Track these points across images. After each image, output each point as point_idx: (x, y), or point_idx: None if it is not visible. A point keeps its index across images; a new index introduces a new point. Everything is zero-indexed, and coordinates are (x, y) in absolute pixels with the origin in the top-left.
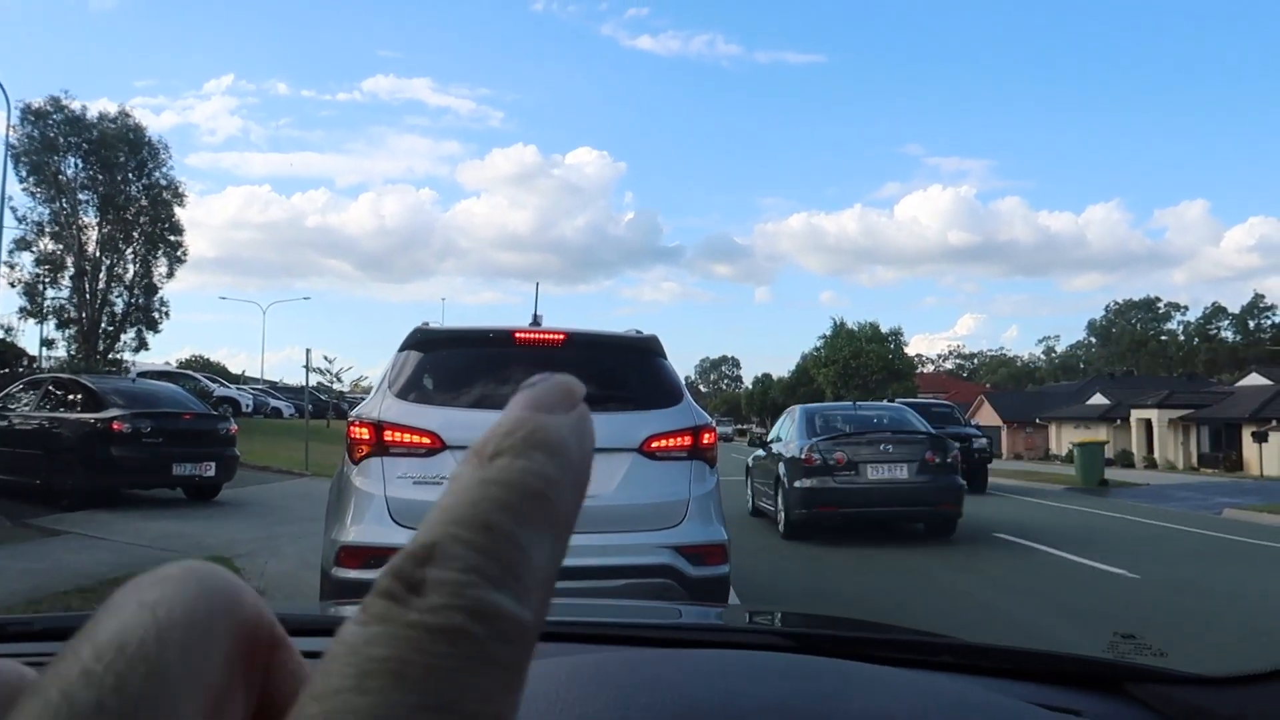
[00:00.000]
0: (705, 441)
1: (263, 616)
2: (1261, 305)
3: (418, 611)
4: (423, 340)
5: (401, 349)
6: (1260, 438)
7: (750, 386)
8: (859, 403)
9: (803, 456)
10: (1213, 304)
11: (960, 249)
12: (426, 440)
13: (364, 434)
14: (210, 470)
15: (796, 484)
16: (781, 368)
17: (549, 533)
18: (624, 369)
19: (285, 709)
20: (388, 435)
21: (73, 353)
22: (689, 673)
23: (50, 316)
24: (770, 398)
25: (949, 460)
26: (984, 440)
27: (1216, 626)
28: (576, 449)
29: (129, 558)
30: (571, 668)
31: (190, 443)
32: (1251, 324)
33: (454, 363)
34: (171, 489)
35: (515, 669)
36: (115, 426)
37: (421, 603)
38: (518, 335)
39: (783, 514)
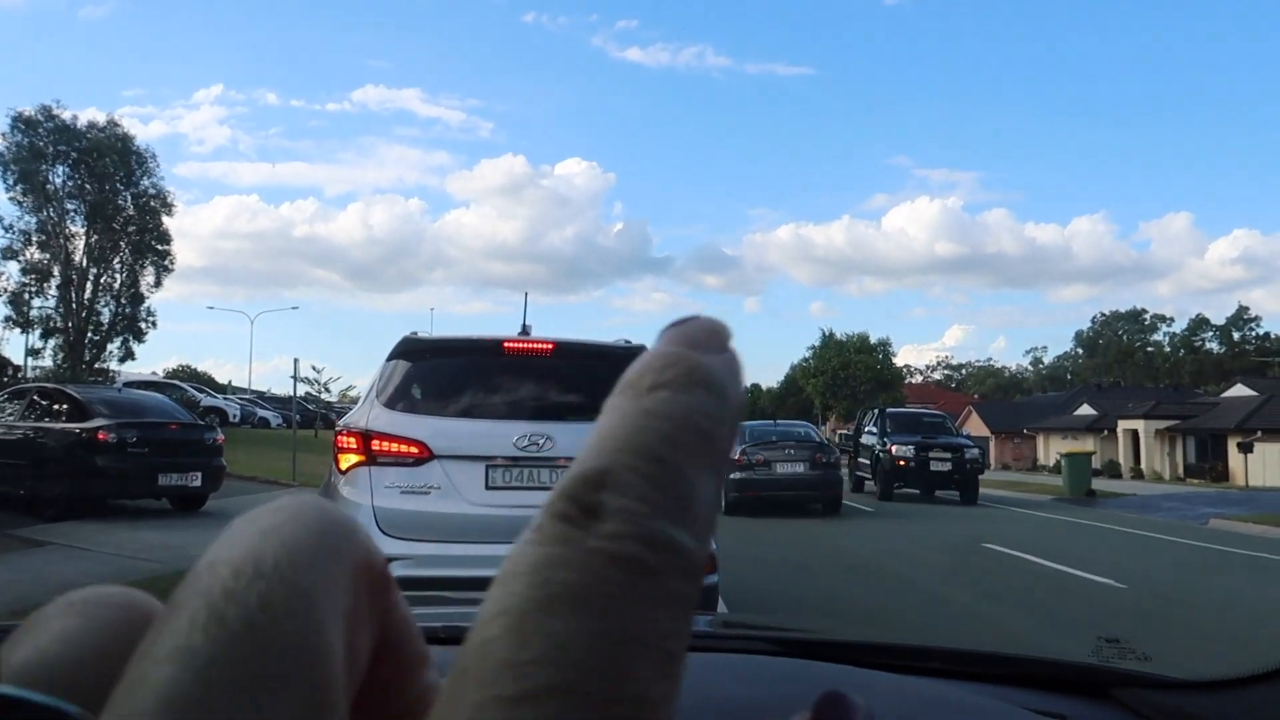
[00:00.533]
0: None
1: (378, 551)
2: (1246, 317)
3: (597, 538)
4: (411, 350)
5: (389, 358)
6: (1246, 448)
7: None
8: (779, 421)
9: (735, 457)
10: (1197, 315)
11: (948, 260)
12: (414, 450)
13: (351, 443)
14: (196, 480)
15: (731, 476)
16: (771, 378)
17: (712, 471)
18: (613, 379)
19: (400, 648)
20: (375, 445)
21: (58, 362)
22: None
23: (36, 326)
24: (759, 408)
25: (832, 460)
26: (975, 451)
27: (1203, 635)
28: (734, 390)
29: (113, 569)
30: None
31: (176, 453)
32: (1237, 335)
33: (442, 372)
34: (157, 499)
35: (689, 604)
36: (100, 436)
37: (601, 529)
38: (506, 345)
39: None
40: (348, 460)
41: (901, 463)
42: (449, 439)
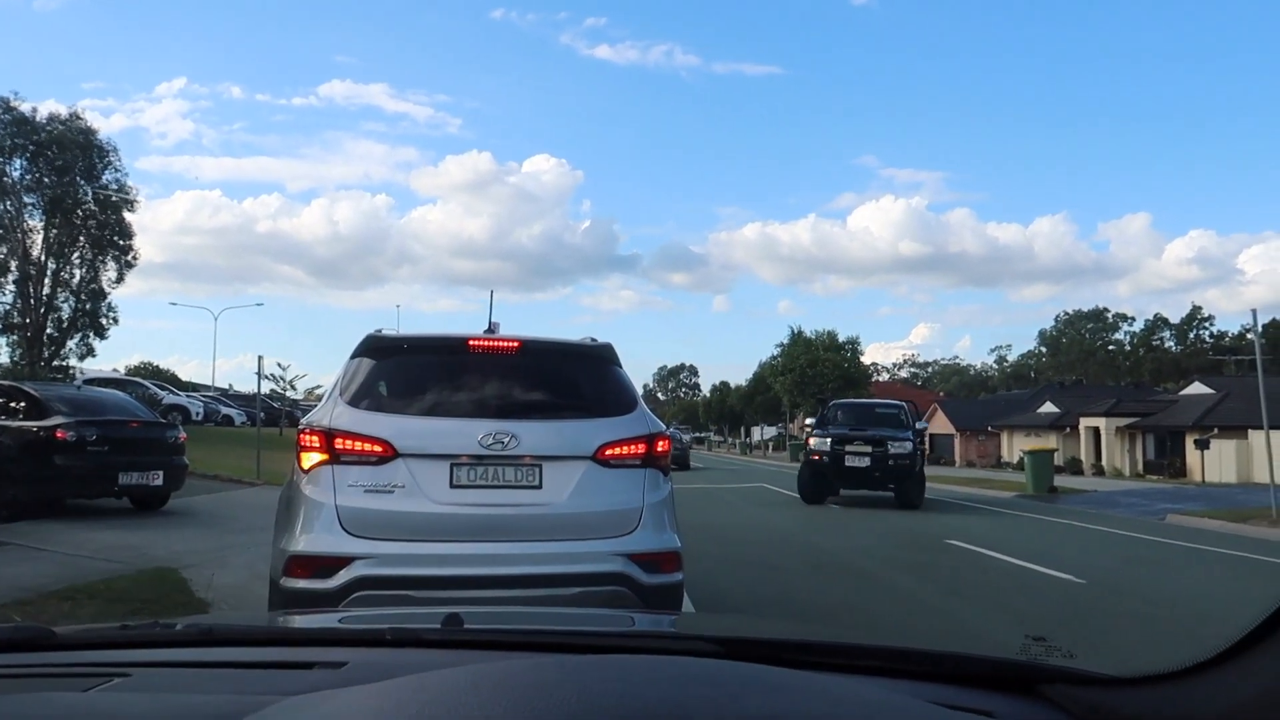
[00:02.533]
0: (659, 449)
1: None
2: (1200, 317)
3: None
4: (375, 347)
5: (354, 356)
6: (1202, 445)
7: (708, 395)
8: None
9: None
10: (1155, 315)
11: (912, 259)
12: (378, 449)
13: (314, 442)
14: (158, 479)
15: None
16: (739, 376)
17: None
18: (578, 377)
19: None
20: (338, 443)
21: (16, 359)
22: (591, 677)
23: None
24: (728, 406)
25: (677, 442)
26: (907, 445)
27: (1157, 629)
28: None
29: (72, 570)
30: (476, 674)
31: (137, 451)
32: (1191, 335)
33: (407, 370)
34: (118, 498)
35: None
36: (59, 434)
37: None
38: (471, 343)
39: None
40: (310, 459)
41: (816, 458)
42: (413, 437)
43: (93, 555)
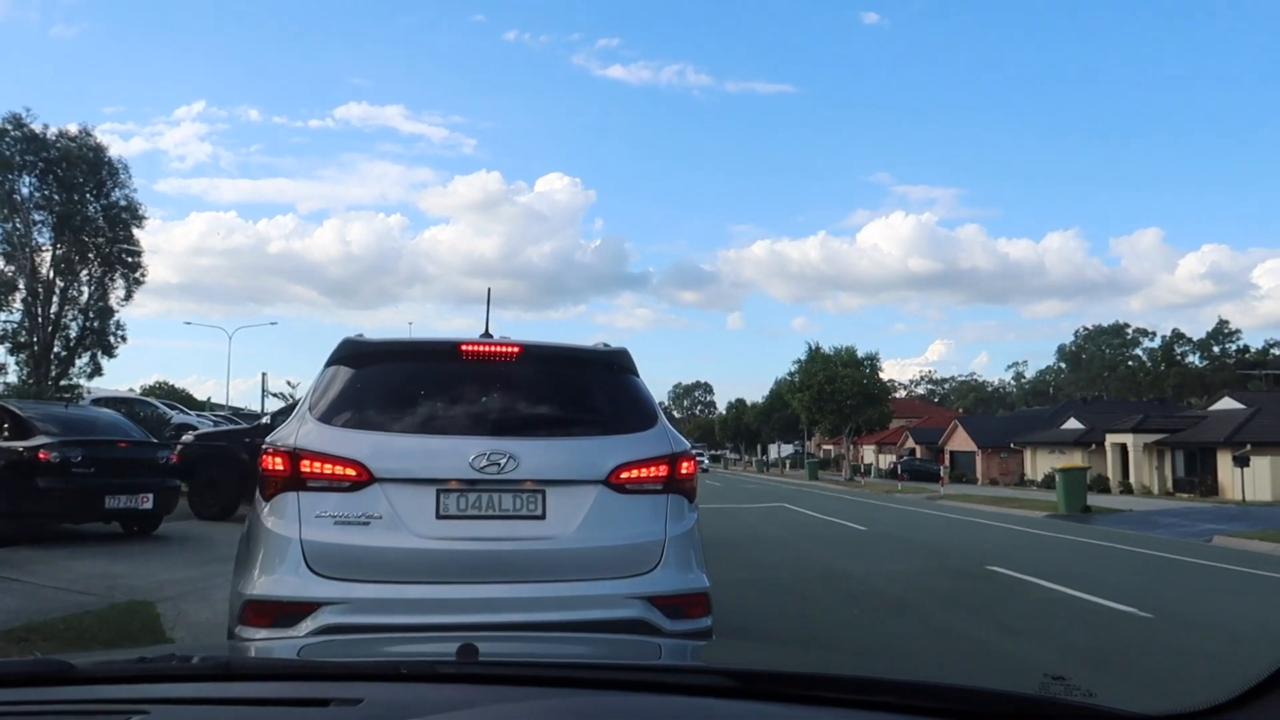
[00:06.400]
0: (683, 472)
1: None
2: (1226, 331)
3: None
4: (353, 354)
5: (328, 364)
6: (1242, 462)
7: (724, 412)
8: None
9: None
10: (1173, 330)
11: (922, 276)
12: (351, 472)
13: (277, 464)
14: (147, 502)
15: None
16: (755, 393)
17: None
18: (589, 387)
19: None
20: (305, 466)
21: (24, 378)
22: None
23: (1, 341)
24: (744, 424)
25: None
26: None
27: (1250, 673)
28: None
29: (37, 603)
30: (492, 717)
31: (125, 473)
32: (1217, 349)
33: (388, 380)
34: (105, 523)
35: None
36: (41, 455)
37: None
38: (464, 348)
39: None
40: (272, 485)
41: None
42: (393, 459)
43: (66, 587)
